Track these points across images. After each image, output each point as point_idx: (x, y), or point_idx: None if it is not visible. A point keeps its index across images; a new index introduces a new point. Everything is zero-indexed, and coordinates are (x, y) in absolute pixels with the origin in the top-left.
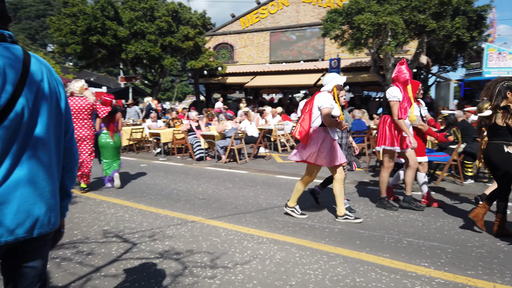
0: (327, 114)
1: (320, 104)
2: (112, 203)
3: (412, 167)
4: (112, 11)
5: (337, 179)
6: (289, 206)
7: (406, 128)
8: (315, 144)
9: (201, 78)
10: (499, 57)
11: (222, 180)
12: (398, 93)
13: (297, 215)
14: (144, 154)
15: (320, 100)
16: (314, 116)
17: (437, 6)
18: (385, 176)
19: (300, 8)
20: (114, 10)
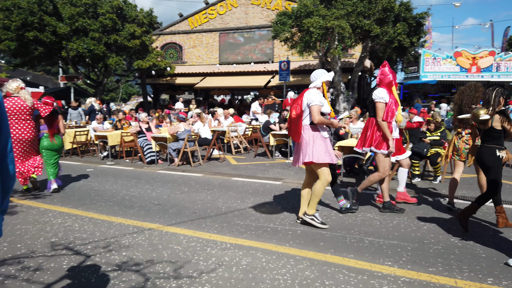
0: (317, 111)
1: (309, 101)
2: (59, 211)
3: (381, 173)
4: (50, 6)
5: (322, 181)
6: (308, 214)
7: (388, 131)
8: (309, 144)
9: (148, 78)
10: (434, 62)
11: (176, 184)
12: (385, 95)
13: (317, 224)
14: (89, 158)
15: (309, 96)
16: (304, 114)
17: (381, 12)
18: (375, 178)
19: (249, 10)
20: (53, 5)
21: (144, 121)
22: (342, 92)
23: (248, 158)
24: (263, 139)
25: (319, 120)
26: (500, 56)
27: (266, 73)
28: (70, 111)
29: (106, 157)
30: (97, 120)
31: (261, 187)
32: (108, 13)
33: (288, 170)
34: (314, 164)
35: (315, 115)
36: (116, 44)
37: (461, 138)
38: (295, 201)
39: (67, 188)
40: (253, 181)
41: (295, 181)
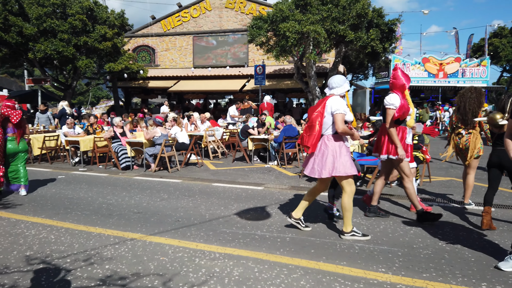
0: (342, 120)
1: (334, 109)
2: (31, 222)
3: (407, 177)
4: (16, 5)
5: (348, 192)
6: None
7: (396, 137)
8: (332, 154)
9: (120, 81)
10: (403, 67)
11: (155, 190)
12: (397, 101)
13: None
14: (59, 164)
15: (333, 104)
16: (326, 123)
17: (355, 18)
18: (410, 186)
19: (223, 14)
20: (18, 5)
21: (118, 126)
22: (317, 97)
23: (226, 163)
24: (242, 144)
25: (343, 129)
26: (465, 62)
27: (241, 77)
28: (38, 115)
29: (78, 163)
30: (67, 124)
31: (243, 193)
32: (78, 14)
33: (268, 175)
34: (338, 176)
35: (340, 124)
36: (86, 46)
37: (461, 139)
38: (279, 207)
39: (38, 196)
40: (234, 187)
41: (277, 186)
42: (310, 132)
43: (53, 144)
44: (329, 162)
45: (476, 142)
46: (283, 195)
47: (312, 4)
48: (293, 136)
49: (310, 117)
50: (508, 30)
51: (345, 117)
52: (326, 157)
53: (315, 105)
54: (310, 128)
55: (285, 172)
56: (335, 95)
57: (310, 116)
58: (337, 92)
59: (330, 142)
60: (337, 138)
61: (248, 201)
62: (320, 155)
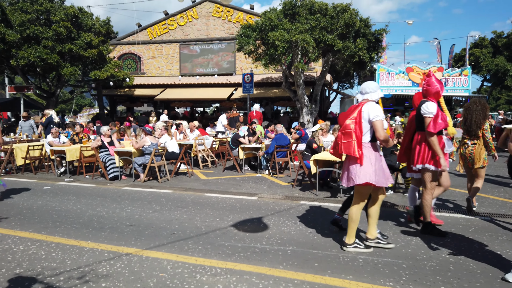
0: (382, 126)
1: (373, 116)
2: (19, 237)
3: (429, 190)
4: None
5: (379, 200)
6: (371, 239)
7: (438, 147)
8: (369, 163)
9: (104, 89)
10: (388, 77)
11: (146, 201)
12: (434, 109)
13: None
14: (44, 175)
15: (371, 111)
16: (363, 130)
17: (343, 27)
18: (429, 199)
19: (210, 22)
20: (1, 11)
21: (106, 135)
22: (305, 105)
23: (216, 172)
24: (232, 153)
25: (385, 136)
26: (448, 72)
27: (229, 85)
28: (21, 123)
29: (64, 173)
30: (52, 134)
31: (237, 203)
32: (63, 20)
33: (260, 184)
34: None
35: (381, 131)
36: (71, 53)
37: (466, 148)
38: (276, 218)
39: (24, 209)
40: (228, 197)
41: (271, 196)
42: (346, 139)
43: (37, 154)
44: (365, 170)
45: (481, 152)
46: (278, 205)
47: (300, 13)
48: (285, 145)
49: (342, 123)
50: (488, 41)
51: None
52: (362, 164)
53: (346, 112)
54: (346, 135)
55: (277, 181)
56: (370, 101)
57: (343, 123)
58: (372, 97)
59: (366, 149)
60: (373, 146)
61: (243, 212)
62: (355, 163)
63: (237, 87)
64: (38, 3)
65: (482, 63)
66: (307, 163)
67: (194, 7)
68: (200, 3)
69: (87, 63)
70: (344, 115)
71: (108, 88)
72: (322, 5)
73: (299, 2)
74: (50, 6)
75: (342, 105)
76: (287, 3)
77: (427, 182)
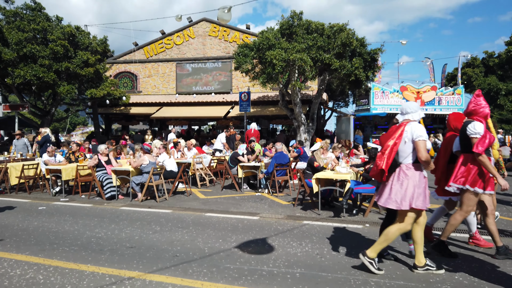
0: (425, 147)
1: (416, 135)
2: (15, 260)
3: (464, 212)
4: None
5: (420, 223)
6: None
7: (491, 166)
8: (413, 185)
9: (100, 107)
10: (382, 96)
11: (146, 222)
12: (481, 129)
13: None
14: (39, 194)
15: (415, 130)
16: (404, 150)
17: (340, 47)
18: (459, 220)
19: (206, 41)
20: None
21: (103, 153)
22: (303, 123)
23: (215, 191)
24: (231, 171)
25: (427, 157)
26: (441, 91)
27: (225, 104)
28: (15, 142)
29: (59, 193)
30: (48, 152)
31: (239, 224)
32: (60, 39)
33: (261, 203)
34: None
35: (423, 152)
36: (68, 71)
37: None
38: (280, 239)
39: (19, 230)
40: (228, 217)
41: (272, 215)
42: (387, 160)
43: (32, 173)
44: (409, 193)
45: None
46: (281, 225)
47: (297, 33)
48: (284, 163)
49: (384, 144)
50: (479, 61)
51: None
52: (406, 187)
53: (388, 132)
54: (387, 155)
55: (277, 200)
56: (412, 121)
57: (384, 143)
58: (413, 117)
59: (410, 171)
60: (417, 167)
61: (246, 232)
62: (399, 184)
63: (233, 105)
64: (35, 22)
65: (474, 82)
66: (308, 182)
67: (191, 26)
68: (196, 22)
69: (84, 81)
70: (386, 135)
71: (104, 107)
72: (319, 25)
73: (296, 22)
74: (48, 25)
75: (338, 123)
76: (284, 23)
77: (465, 205)
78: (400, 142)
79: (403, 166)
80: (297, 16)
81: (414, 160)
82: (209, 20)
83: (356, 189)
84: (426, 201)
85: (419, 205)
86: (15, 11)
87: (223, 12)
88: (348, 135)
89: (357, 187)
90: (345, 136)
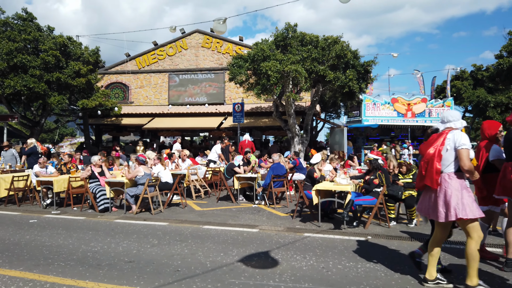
0: (468, 156)
1: (459, 144)
2: (9, 276)
3: None
4: None
5: (475, 239)
6: (430, 280)
7: None
8: (456, 194)
9: (91, 118)
10: (374, 107)
11: (142, 235)
12: None
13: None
14: (29, 207)
15: (458, 138)
16: (446, 159)
17: (334, 58)
18: None
19: (199, 53)
20: None
21: (97, 165)
22: (297, 134)
23: (210, 203)
24: (227, 183)
25: (470, 166)
26: (431, 103)
27: (218, 115)
28: (3, 153)
29: (50, 205)
30: (39, 164)
31: (239, 236)
32: (52, 49)
33: (258, 215)
34: (463, 220)
35: (466, 161)
36: (59, 82)
37: None
38: (283, 252)
39: (11, 244)
40: (227, 229)
41: (272, 228)
42: (429, 168)
43: (21, 185)
44: (454, 203)
45: None
46: (281, 238)
47: (292, 45)
48: (282, 175)
49: (424, 153)
50: (468, 73)
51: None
52: (450, 197)
53: (428, 141)
54: (428, 164)
55: (275, 212)
56: (454, 129)
57: (425, 152)
58: (456, 125)
59: (453, 180)
60: (460, 176)
61: (247, 245)
62: (442, 195)
63: (226, 116)
64: (26, 32)
65: (463, 95)
66: (307, 193)
67: (184, 38)
68: (189, 34)
69: (75, 92)
70: (427, 144)
71: (95, 117)
72: (313, 37)
73: (290, 33)
74: (39, 35)
75: (332, 134)
76: (279, 35)
77: None
78: (442, 150)
79: (445, 175)
80: (292, 28)
81: (456, 169)
82: (202, 31)
83: (357, 201)
84: (474, 211)
85: (468, 215)
86: (5, 20)
87: (218, 23)
88: (341, 146)
89: (358, 199)
90: (338, 147)
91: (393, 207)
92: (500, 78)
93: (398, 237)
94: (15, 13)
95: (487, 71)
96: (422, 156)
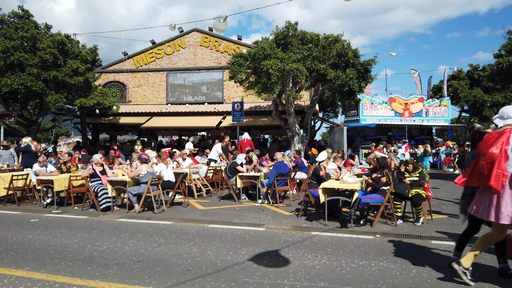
0: None
1: None
2: (16, 276)
3: None
4: None
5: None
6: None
7: None
8: None
9: (88, 117)
10: (371, 107)
11: (148, 234)
12: None
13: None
14: (28, 206)
15: None
16: (510, 159)
17: (335, 57)
18: None
19: (198, 52)
20: None
21: (98, 163)
22: (297, 133)
23: (213, 201)
24: (229, 181)
25: None
26: (428, 103)
27: (217, 114)
28: (1, 152)
29: (50, 205)
30: (39, 162)
31: (246, 235)
32: (50, 47)
33: (263, 214)
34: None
35: None
36: (56, 80)
37: None
38: (293, 250)
39: (15, 244)
40: (233, 228)
41: (278, 226)
42: (495, 170)
43: (21, 184)
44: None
45: None
46: (289, 237)
47: (292, 43)
48: (285, 173)
49: (485, 152)
50: (465, 73)
51: None
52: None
53: (488, 139)
54: (492, 164)
55: (279, 211)
56: None
57: (486, 151)
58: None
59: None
60: None
61: (255, 244)
62: (507, 196)
63: (225, 115)
64: (23, 30)
65: (460, 94)
66: (313, 191)
67: (182, 36)
68: (188, 33)
69: (73, 91)
70: (486, 143)
71: (92, 116)
72: (314, 36)
73: (291, 32)
74: (36, 33)
75: (331, 133)
76: (279, 33)
77: None
78: (508, 149)
79: (509, 175)
80: (292, 26)
81: None
82: (200, 30)
83: (364, 199)
84: None
85: None
86: (1, 18)
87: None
88: (341, 145)
89: (365, 197)
90: (338, 147)
91: (399, 205)
92: (499, 77)
93: (407, 236)
94: (11, 11)
95: (483, 71)
96: (483, 155)
